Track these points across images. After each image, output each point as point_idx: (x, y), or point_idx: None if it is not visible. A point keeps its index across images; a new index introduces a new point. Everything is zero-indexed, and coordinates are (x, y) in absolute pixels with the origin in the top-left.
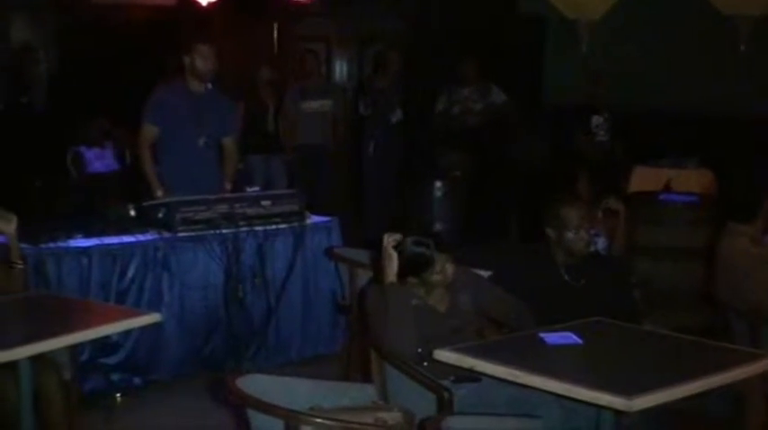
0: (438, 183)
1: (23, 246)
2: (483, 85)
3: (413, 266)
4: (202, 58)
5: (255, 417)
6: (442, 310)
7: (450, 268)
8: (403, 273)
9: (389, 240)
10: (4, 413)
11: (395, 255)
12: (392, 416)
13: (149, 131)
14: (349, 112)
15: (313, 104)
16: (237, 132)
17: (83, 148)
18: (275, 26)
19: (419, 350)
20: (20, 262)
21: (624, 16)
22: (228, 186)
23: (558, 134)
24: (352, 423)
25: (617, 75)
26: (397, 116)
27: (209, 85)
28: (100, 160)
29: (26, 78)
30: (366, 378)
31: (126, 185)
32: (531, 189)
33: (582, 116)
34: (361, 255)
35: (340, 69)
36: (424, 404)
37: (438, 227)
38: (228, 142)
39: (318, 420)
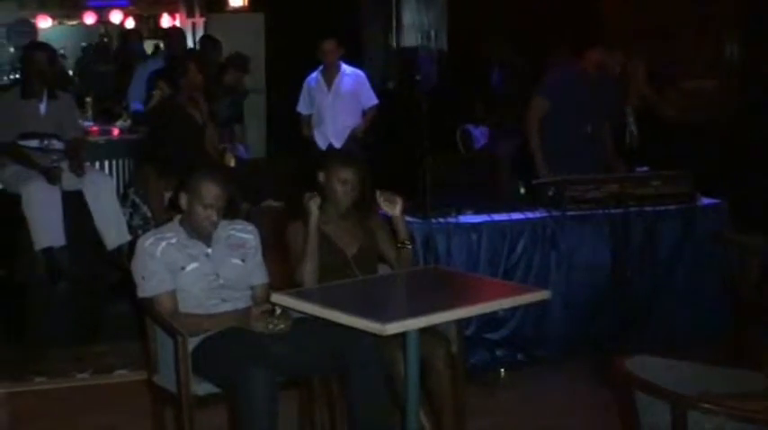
0: None
1: (414, 220)
2: None
3: None
4: (612, 63)
5: (641, 399)
6: None
7: None
8: None
9: None
10: (393, 383)
11: None
12: None
13: (541, 104)
14: (735, 92)
15: (692, 84)
16: (615, 117)
17: (470, 126)
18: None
19: None
20: (408, 242)
21: None
22: None
23: None
24: (741, 410)
25: None
26: None
27: None
28: (486, 138)
29: (418, 57)
30: (754, 365)
31: (512, 163)
32: None
33: None
34: (754, 239)
35: (729, 49)
36: None
37: None
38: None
39: (706, 406)
